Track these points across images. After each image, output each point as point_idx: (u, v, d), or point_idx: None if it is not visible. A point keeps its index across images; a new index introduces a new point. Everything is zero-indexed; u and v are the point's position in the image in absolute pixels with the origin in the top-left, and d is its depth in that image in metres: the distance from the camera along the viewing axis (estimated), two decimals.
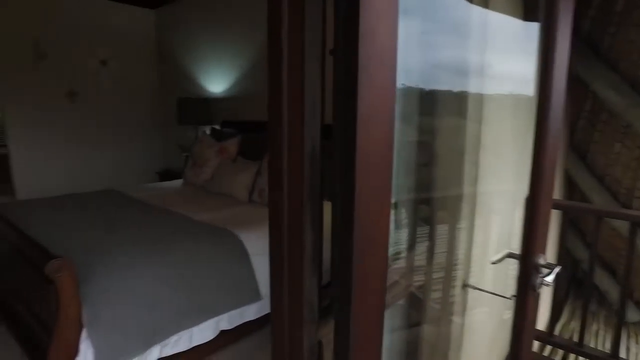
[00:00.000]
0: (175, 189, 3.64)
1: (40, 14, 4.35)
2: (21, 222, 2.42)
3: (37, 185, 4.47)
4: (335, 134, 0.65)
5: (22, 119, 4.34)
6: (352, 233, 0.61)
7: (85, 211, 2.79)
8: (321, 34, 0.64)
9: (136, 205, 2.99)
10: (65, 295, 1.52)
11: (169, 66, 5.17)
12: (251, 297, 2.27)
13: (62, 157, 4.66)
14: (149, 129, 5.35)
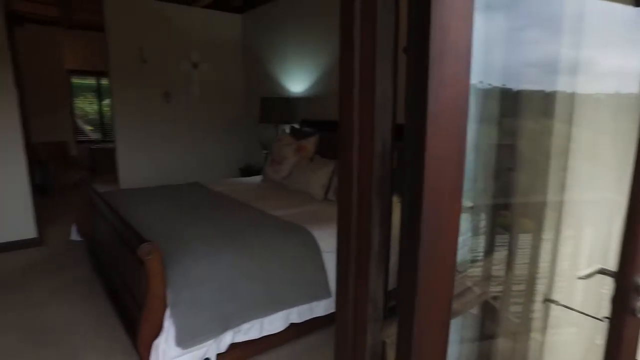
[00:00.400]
0: (255, 185, 3.81)
1: (145, 25, 4.82)
2: (121, 208, 2.71)
3: (136, 176, 4.96)
4: (406, 133, 0.64)
5: (127, 118, 4.84)
6: (419, 234, 0.60)
7: (174, 201, 3.03)
8: (394, 32, 0.64)
9: (218, 198, 3.19)
10: (153, 276, 1.68)
11: (253, 67, 5.43)
12: (321, 294, 2.30)
13: (157, 152, 5.12)
14: (233, 127, 5.67)
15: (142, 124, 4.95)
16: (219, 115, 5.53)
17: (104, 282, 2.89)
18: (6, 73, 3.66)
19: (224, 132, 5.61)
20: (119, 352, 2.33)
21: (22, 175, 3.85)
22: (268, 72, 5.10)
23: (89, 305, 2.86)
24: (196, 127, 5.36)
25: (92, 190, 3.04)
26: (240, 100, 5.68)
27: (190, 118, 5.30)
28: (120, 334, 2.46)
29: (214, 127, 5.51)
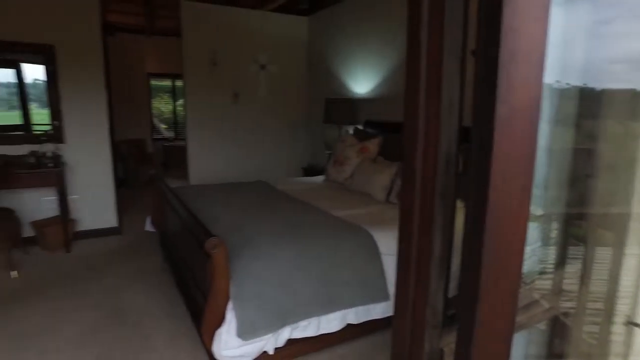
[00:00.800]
0: (317, 185, 3.87)
1: (217, 30, 5.08)
2: (191, 202, 2.88)
3: (204, 172, 5.24)
4: (472, 137, 0.62)
5: (198, 118, 5.13)
6: (482, 242, 0.58)
7: (239, 198, 3.16)
8: (462, 35, 0.62)
9: (281, 196, 3.28)
10: (218, 269, 1.76)
11: (318, 68, 5.50)
12: (379, 296, 2.29)
13: (225, 150, 5.36)
14: (298, 127, 5.79)
15: (211, 123, 5.22)
16: (284, 115, 5.68)
17: (174, 271, 3.09)
18: (100, 78, 4.04)
19: (288, 132, 5.75)
20: (185, 337, 2.48)
21: (108, 170, 4.22)
22: (333, 73, 5.15)
23: (160, 291, 3.08)
24: (262, 126, 5.54)
25: (165, 185, 3.26)
26: (305, 100, 5.80)
27: (257, 118, 5.49)
28: (187, 320, 2.62)
29: (279, 127, 5.67)
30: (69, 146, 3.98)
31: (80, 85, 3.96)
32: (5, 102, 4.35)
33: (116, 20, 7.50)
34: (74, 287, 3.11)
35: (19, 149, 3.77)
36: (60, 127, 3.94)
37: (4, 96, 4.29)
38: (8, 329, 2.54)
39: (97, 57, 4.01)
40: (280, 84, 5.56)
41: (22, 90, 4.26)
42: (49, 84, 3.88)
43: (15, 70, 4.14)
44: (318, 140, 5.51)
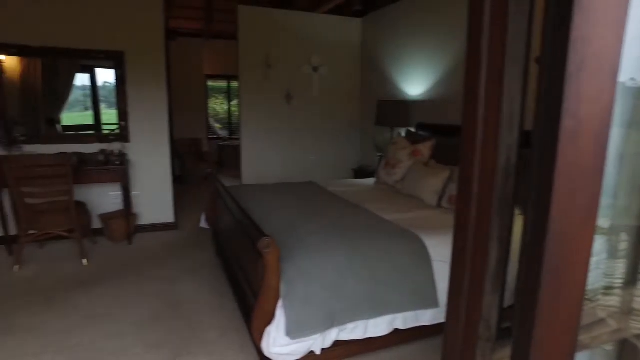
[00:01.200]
0: (368, 187, 3.85)
1: (272, 33, 5.20)
2: (244, 201, 2.97)
3: (257, 172, 5.39)
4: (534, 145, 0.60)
5: (251, 118, 5.28)
6: (542, 253, 0.56)
7: (290, 198, 3.22)
8: (526, 41, 0.60)
9: (332, 198, 3.30)
10: (269, 268, 1.81)
11: (371, 70, 5.48)
12: (428, 303, 2.24)
13: (277, 151, 5.48)
14: (349, 129, 5.80)
15: (265, 124, 5.35)
16: (336, 117, 5.71)
17: (225, 266, 3.20)
18: (163, 81, 4.27)
19: (340, 134, 5.77)
20: (235, 331, 2.57)
21: (167, 168, 4.46)
22: (386, 75, 5.11)
23: (212, 285, 3.20)
24: (314, 128, 5.61)
25: (220, 183, 3.38)
26: (357, 102, 5.79)
27: (309, 119, 5.56)
28: (237, 314, 2.72)
29: (331, 128, 5.71)
30: (133, 145, 4.25)
31: (144, 87, 4.21)
32: (80, 104, 4.73)
33: (177, 26, 7.92)
34: (135, 277, 3.31)
35: (90, 147, 4.07)
36: (126, 127, 4.21)
37: (80, 98, 4.66)
38: (80, 312, 2.76)
39: (160, 61, 4.24)
40: (333, 86, 5.59)
41: (95, 93, 4.61)
42: (118, 87, 4.16)
43: (90, 74, 4.48)
44: (369, 142, 5.48)
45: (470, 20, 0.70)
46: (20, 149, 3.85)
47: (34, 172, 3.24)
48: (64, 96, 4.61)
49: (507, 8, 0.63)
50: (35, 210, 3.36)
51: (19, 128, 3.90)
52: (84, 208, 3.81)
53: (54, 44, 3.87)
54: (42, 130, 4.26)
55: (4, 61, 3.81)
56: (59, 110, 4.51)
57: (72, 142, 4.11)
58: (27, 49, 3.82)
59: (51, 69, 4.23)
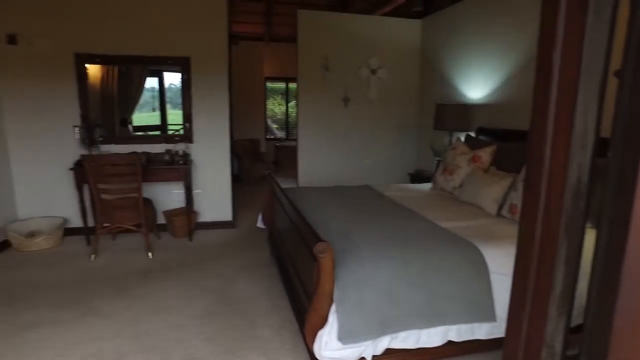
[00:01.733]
0: (424, 193, 3.76)
1: (330, 36, 5.24)
2: (300, 203, 3.02)
3: (313, 173, 5.46)
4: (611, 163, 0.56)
5: (309, 120, 5.36)
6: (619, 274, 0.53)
7: (346, 202, 3.23)
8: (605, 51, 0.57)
9: (387, 203, 3.27)
10: (324, 273, 1.83)
11: (430, 73, 5.35)
12: (484, 316, 2.15)
13: (333, 153, 5.51)
14: (406, 132, 5.71)
15: (321, 126, 5.41)
16: (393, 120, 5.64)
17: (280, 265, 3.28)
18: (225, 84, 4.46)
19: (396, 137, 5.70)
20: (287, 330, 2.62)
21: (227, 168, 4.64)
22: (445, 78, 4.97)
23: (266, 283, 3.29)
24: (370, 131, 5.58)
25: (276, 184, 3.46)
26: (414, 105, 5.69)
27: (366, 122, 5.54)
28: (290, 314, 2.77)
29: (388, 131, 5.65)
30: (195, 146, 4.47)
31: (208, 91, 4.42)
32: (149, 105, 5.06)
33: (239, 30, 8.22)
34: (195, 272, 3.48)
35: (157, 147, 4.34)
36: (190, 129, 4.44)
37: (149, 100, 4.98)
38: (147, 302, 2.96)
39: (223, 66, 4.42)
40: (391, 88, 5.54)
41: (162, 94, 4.91)
42: (183, 91, 4.39)
43: (158, 78, 4.78)
44: (426, 147, 5.37)
45: (541, 29, 0.67)
46: (98, 148, 4.19)
47: (108, 170, 3.50)
48: (136, 98, 4.96)
49: (584, 16, 0.59)
50: (109, 205, 3.64)
51: (98, 129, 4.23)
52: (150, 205, 4.06)
53: (128, 52, 4.16)
54: (116, 130, 4.62)
55: (88, 69, 4.17)
56: (131, 112, 4.86)
57: (141, 142, 4.40)
58: (107, 57, 4.15)
59: (125, 74, 4.59)
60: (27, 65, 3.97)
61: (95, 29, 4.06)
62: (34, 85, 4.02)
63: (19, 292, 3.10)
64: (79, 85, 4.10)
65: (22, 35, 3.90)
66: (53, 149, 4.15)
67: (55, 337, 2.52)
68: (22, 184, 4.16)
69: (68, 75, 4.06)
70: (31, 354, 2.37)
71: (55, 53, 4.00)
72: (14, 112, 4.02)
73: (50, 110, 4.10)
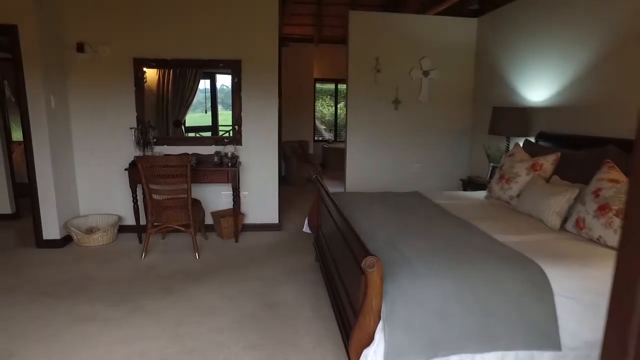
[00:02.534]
0: (478, 202, 3.55)
1: (381, 37, 5.11)
2: (347, 210, 2.93)
3: (361, 177, 5.35)
4: None
5: (358, 122, 5.25)
6: None
7: (395, 211, 3.09)
8: None
9: (439, 212, 3.10)
10: (371, 288, 1.73)
11: (486, 74, 5.08)
12: (547, 344, 1.96)
13: (382, 156, 5.37)
14: (459, 136, 5.46)
15: (371, 128, 5.29)
16: (445, 123, 5.41)
17: (324, 271, 3.20)
18: (275, 86, 4.47)
19: (448, 142, 5.47)
20: (330, 342, 2.54)
21: (274, 171, 4.64)
22: (503, 79, 4.69)
23: (310, 290, 3.23)
24: (421, 134, 5.39)
25: (323, 188, 3.39)
26: (468, 108, 5.43)
27: (417, 125, 5.36)
28: (333, 325, 2.69)
29: (439, 135, 5.43)
30: (244, 148, 4.51)
31: (258, 93, 4.44)
32: (201, 106, 5.18)
33: (289, 32, 8.29)
34: (239, 275, 3.49)
35: (207, 149, 4.43)
36: (239, 131, 4.48)
37: (201, 101, 5.10)
38: (191, 303, 3.00)
39: (273, 68, 4.43)
40: (443, 90, 5.32)
41: (214, 96, 5.01)
42: (234, 93, 4.45)
43: (210, 80, 4.88)
44: (480, 152, 5.10)
45: None
46: (152, 149, 4.33)
47: (160, 171, 3.60)
48: (189, 100, 5.11)
49: None
50: (159, 205, 3.74)
51: (152, 131, 4.38)
52: (199, 205, 4.14)
53: (182, 55, 4.28)
54: (170, 131, 4.77)
55: (145, 73, 4.33)
56: (184, 113, 5.01)
57: (192, 143, 4.50)
58: (162, 61, 4.28)
59: (179, 77, 4.73)
60: (91, 71, 4.19)
61: (152, 35, 4.20)
62: (96, 90, 4.24)
63: (77, 284, 3.25)
64: (136, 88, 4.27)
65: (89, 43, 4.12)
66: (111, 150, 4.34)
67: (106, 333, 2.60)
68: (84, 182, 4.39)
69: (126, 79, 4.23)
70: (82, 346, 2.46)
71: (115, 58, 4.19)
72: (78, 116, 4.26)
73: (109, 113, 4.30)
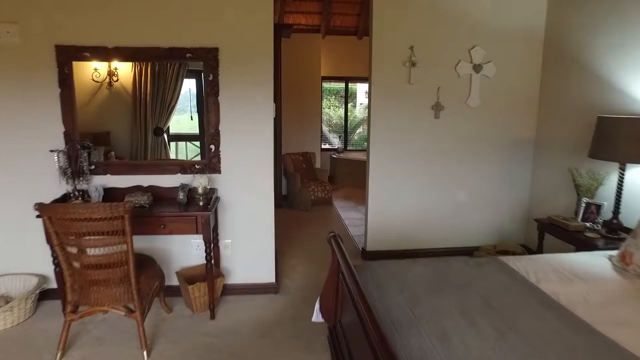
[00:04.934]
0: (606, 279, 2.12)
1: (418, 23, 3.70)
2: (380, 301, 1.59)
3: (384, 207, 3.95)
4: None
5: (384, 133, 3.85)
6: None
7: (463, 302, 1.74)
8: None
9: (553, 314, 1.71)
10: None
11: (566, 68, 3.64)
12: None
13: (417, 177, 3.96)
14: (522, 154, 4.03)
15: (401, 142, 3.88)
16: (503, 136, 3.99)
17: None
18: (270, 83, 3.06)
19: (506, 160, 4.04)
20: None
21: (268, 206, 3.21)
22: (595, 73, 3.25)
23: None
24: (469, 151, 3.97)
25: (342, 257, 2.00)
26: (534, 116, 3.99)
27: (465, 138, 3.94)
28: None
29: (494, 152, 4.01)
30: (224, 177, 3.12)
31: (244, 95, 3.05)
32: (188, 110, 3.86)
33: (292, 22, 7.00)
34: None
35: (171, 180, 3.06)
36: (216, 153, 3.08)
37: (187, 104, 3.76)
38: None
39: (267, 60, 3.02)
40: (500, 90, 3.90)
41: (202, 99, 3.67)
42: (207, 96, 3.06)
43: (197, 80, 3.55)
44: (556, 177, 3.66)
45: None
46: (87, 180, 2.94)
47: (80, 226, 2.20)
48: (172, 103, 3.83)
49: None
50: (84, 277, 2.35)
51: (89, 153, 2.99)
52: (151, 268, 2.72)
53: (131, 43, 2.88)
54: (149, 141, 3.53)
55: (116, 71, 3.08)
56: (166, 119, 3.75)
57: (148, 172, 3.09)
58: (101, 51, 2.86)
59: (159, 75, 3.46)
60: None
61: (84, 14, 2.81)
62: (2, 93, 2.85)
63: None
64: (62, 90, 2.86)
65: None
66: (25, 182, 2.95)
67: None
68: None
69: (47, 77, 2.83)
70: None
71: (29, 46, 2.79)
72: None
73: (22, 129, 2.90)
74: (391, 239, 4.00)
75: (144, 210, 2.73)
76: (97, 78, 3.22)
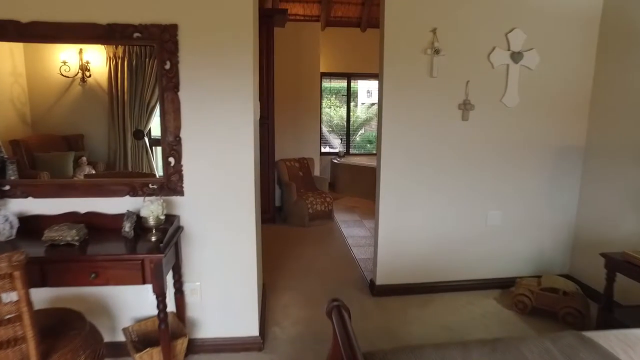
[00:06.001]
0: None
1: (442, 2, 2.93)
2: None
3: (396, 228, 3.19)
4: None
5: (398, 141, 3.07)
6: None
7: None
8: None
9: None
10: None
11: (628, 57, 2.86)
12: None
13: (440, 191, 3.20)
14: (571, 163, 3.25)
15: (419, 150, 3.11)
16: (547, 142, 3.22)
17: None
18: (249, 72, 2.28)
19: (551, 173, 3.27)
20: None
21: (249, 234, 2.43)
22: None
23: None
24: (506, 162, 3.20)
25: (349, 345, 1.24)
26: (597, 117, 3.20)
27: (497, 146, 3.17)
28: None
29: (536, 163, 3.24)
30: (188, 200, 2.34)
31: (214, 89, 2.27)
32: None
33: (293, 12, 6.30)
34: None
35: (117, 203, 2.27)
36: (177, 168, 2.31)
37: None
38: None
39: (245, 43, 2.25)
40: (544, 85, 3.13)
41: None
42: (163, 91, 2.30)
43: None
44: (622, 196, 2.88)
45: None
46: (5, 204, 2.17)
47: None
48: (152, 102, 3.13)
49: None
50: None
51: (9, 166, 2.23)
52: (75, 334, 1.93)
53: (55, 17, 2.10)
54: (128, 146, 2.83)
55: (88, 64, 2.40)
56: (146, 120, 3.04)
57: (87, 193, 2.31)
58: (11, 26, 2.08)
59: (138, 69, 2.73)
60: None
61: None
62: None
63: None
64: None
65: None
66: None
67: None
68: None
69: None
70: None
71: None
72: None
73: None
74: (406, 269, 3.24)
75: (70, 250, 1.95)
76: (67, 73, 2.49)
